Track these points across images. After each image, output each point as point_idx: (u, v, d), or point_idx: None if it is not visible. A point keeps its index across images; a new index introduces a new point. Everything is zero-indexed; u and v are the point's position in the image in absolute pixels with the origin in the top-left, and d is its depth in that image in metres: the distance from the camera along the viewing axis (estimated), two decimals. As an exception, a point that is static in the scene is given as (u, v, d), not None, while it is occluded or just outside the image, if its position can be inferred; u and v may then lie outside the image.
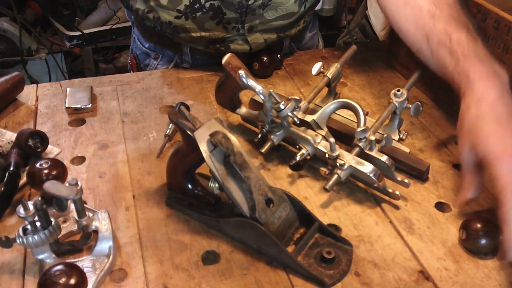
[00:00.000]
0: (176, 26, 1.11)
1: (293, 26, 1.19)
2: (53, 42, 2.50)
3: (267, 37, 1.15)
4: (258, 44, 1.15)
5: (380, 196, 0.85)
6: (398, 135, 0.92)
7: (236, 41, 1.13)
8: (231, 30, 1.11)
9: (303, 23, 1.23)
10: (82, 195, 0.72)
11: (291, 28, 1.19)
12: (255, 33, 1.13)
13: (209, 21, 1.09)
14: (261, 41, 1.14)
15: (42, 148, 0.89)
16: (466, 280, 0.72)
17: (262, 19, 1.11)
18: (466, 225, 0.76)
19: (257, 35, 1.13)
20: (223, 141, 0.74)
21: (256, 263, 0.74)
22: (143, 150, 0.94)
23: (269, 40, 1.15)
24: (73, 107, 1.02)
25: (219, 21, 1.09)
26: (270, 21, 1.12)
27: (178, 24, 1.10)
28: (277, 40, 1.17)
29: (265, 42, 1.15)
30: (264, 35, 1.14)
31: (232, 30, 1.11)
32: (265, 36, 1.14)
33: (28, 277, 0.71)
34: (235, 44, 1.13)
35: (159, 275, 0.71)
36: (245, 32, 1.12)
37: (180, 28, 1.11)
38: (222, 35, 1.12)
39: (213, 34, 1.12)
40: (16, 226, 0.78)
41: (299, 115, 0.90)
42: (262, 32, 1.14)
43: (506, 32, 0.88)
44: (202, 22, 1.09)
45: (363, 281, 0.71)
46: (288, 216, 0.76)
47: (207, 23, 1.10)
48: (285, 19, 1.14)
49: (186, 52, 1.19)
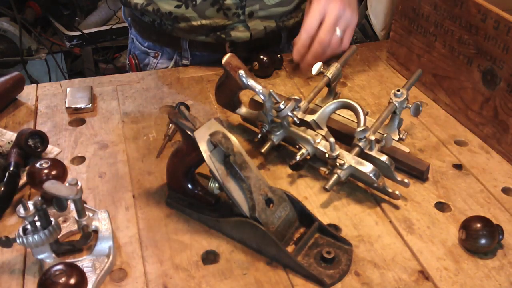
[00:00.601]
0: (177, 16, 1.12)
1: (291, 15, 1.21)
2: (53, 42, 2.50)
3: (267, 24, 1.17)
4: (258, 31, 1.16)
5: (380, 196, 0.85)
6: (398, 135, 0.92)
7: (237, 28, 1.15)
8: (231, 17, 1.13)
9: (301, 16, 1.24)
10: (82, 195, 0.72)
11: (289, 18, 1.21)
12: (255, 19, 1.15)
13: (209, 8, 1.10)
14: (261, 27, 1.16)
15: (42, 148, 0.89)
16: (466, 280, 0.72)
17: (261, 3, 1.13)
18: (466, 225, 0.76)
19: (257, 21, 1.15)
20: (223, 141, 0.74)
21: (256, 263, 0.74)
22: (143, 150, 0.94)
23: (268, 28, 1.17)
24: (73, 107, 1.02)
25: (220, 8, 1.11)
26: (269, 7, 1.15)
27: (179, 14, 1.11)
28: (276, 29, 1.19)
29: (264, 30, 1.17)
30: (263, 22, 1.16)
31: (232, 16, 1.13)
32: (265, 24, 1.16)
33: (28, 277, 0.71)
34: (236, 31, 1.15)
35: (159, 275, 0.71)
36: (245, 17, 1.13)
37: (180, 18, 1.12)
38: (222, 22, 1.13)
39: (214, 22, 1.12)
40: (16, 226, 0.78)
41: (299, 115, 0.90)
42: (262, 19, 1.16)
43: (506, 32, 0.88)
44: (203, 10, 1.10)
45: (363, 281, 0.71)
46: (288, 216, 0.76)
47: (208, 11, 1.10)
48: (284, 5, 1.16)
49: (185, 48, 1.19)
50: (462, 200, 0.85)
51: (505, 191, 0.87)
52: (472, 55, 0.96)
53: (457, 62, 1.00)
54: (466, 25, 0.96)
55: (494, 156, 0.94)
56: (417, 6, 1.07)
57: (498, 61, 0.91)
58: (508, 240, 0.77)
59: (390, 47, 1.20)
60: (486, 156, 0.94)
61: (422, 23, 1.06)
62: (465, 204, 0.84)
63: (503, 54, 0.89)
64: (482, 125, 0.97)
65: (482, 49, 0.94)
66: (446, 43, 1.02)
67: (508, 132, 0.91)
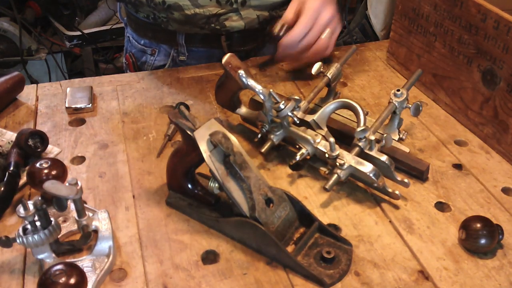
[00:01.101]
0: (170, 5, 1.12)
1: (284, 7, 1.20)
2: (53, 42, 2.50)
3: (260, 13, 1.17)
4: (251, 20, 1.17)
5: (380, 196, 0.85)
6: (398, 135, 0.92)
7: (230, 17, 1.15)
8: (224, 5, 1.13)
9: None
10: (82, 195, 0.72)
11: (282, 9, 1.20)
12: (248, 8, 1.15)
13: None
14: (254, 16, 1.17)
15: (42, 148, 0.89)
16: (465, 280, 0.72)
17: None
18: (466, 225, 0.76)
19: (250, 10, 1.16)
20: (223, 141, 0.74)
21: (256, 263, 0.74)
22: (143, 150, 0.94)
23: (261, 17, 1.18)
24: (73, 107, 1.02)
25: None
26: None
27: (172, 2, 1.11)
28: (269, 18, 1.20)
29: (257, 19, 1.17)
30: (256, 11, 1.17)
31: (225, 4, 1.13)
32: (258, 12, 1.17)
33: (28, 276, 0.71)
34: (230, 21, 1.15)
35: (159, 275, 0.71)
36: (238, 6, 1.14)
37: (173, 7, 1.12)
38: (216, 10, 1.13)
39: (207, 10, 1.13)
40: (16, 226, 0.78)
41: (299, 115, 0.90)
42: (255, 8, 1.16)
43: (506, 32, 0.88)
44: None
45: (363, 280, 0.71)
46: (288, 215, 0.76)
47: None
48: None
49: (181, 44, 1.19)
50: (462, 200, 0.85)
51: (505, 191, 0.87)
52: (472, 55, 0.96)
53: (457, 62, 1.00)
54: (466, 25, 0.96)
55: (494, 156, 0.94)
56: (417, 6, 1.07)
57: (498, 61, 0.91)
58: (508, 240, 0.77)
59: (390, 47, 1.20)
60: (486, 156, 0.94)
61: (422, 23, 1.06)
62: (465, 204, 0.84)
63: (503, 54, 0.89)
64: (482, 125, 0.97)
65: (482, 49, 0.94)
66: (446, 43, 1.02)
67: (508, 132, 0.91)
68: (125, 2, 1.18)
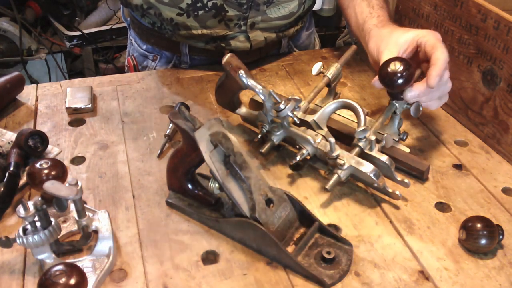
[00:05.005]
0: (178, 23, 1.11)
1: (292, 26, 1.21)
2: (53, 42, 2.49)
3: (267, 35, 1.16)
4: (259, 42, 1.16)
5: (380, 196, 0.85)
6: (398, 135, 0.92)
7: (237, 38, 1.14)
8: (232, 28, 1.12)
9: (301, 23, 1.24)
10: (82, 195, 0.72)
11: (289, 28, 1.20)
12: (256, 30, 1.14)
13: (211, 19, 1.09)
14: (261, 38, 1.16)
15: (42, 148, 0.89)
16: (466, 280, 0.72)
17: (264, 16, 1.12)
18: (466, 225, 0.76)
19: (257, 32, 1.15)
20: (223, 141, 0.74)
21: (256, 263, 0.74)
22: (143, 150, 0.94)
23: (268, 39, 1.17)
24: (73, 107, 1.02)
25: (221, 19, 1.10)
26: (271, 20, 1.14)
27: (180, 21, 1.11)
28: (276, 39, 1.19)
29: (265, 40, 1.16)
30: (264, 33, 1.15)
31: (234, 27, 1.12)
32: (265, 35, 1.16)
33: (28, 277, 0.71)
34: (236, 41, 1.14)
35: (159, 275, 0.71)
36: (247, 28, 1.13)
37: (181, 25, 1.12)
38: (223, 32, 1.12)
39: (215, 32, 1.12)
40: (16, 226, 0.78)
41: (299, 115, 0.90)
42: (263, 31, 1.15)
43: (506, 32, 0.88)
44: (204, 20, 1.10)
45: (363, 281, 0.71)
46: (288, 216, 0.76)
47: (209, 21, 1.10)
48: (285, 19, 1.16)
49: (184, 53, 1.18)
50: (462, 200, 0.85)
51: (505, 191, 0.87)
52: (472, 55, 0.96)
53: (457, 62, 1.00)
54: (466, 25, 0.96)
55: (494, 156, 0.94)
56: (417, 6, 1.07)
57: (498, 61, 0.91)
58: (508, 240, 0.77)
59: (390, 47, 1.19)
60: (486, 156, 0.94)
61: (422, 23, 1.06)
62: (465, 204, 0.84)
63: (503, 54, 0.89)
64: (482, 125, 0.97)
65: (482, 49, 0.94)
66: (446, 43, 1.01)
67: (508, 132, 0.91)
68: (131, 9, 1.17)
